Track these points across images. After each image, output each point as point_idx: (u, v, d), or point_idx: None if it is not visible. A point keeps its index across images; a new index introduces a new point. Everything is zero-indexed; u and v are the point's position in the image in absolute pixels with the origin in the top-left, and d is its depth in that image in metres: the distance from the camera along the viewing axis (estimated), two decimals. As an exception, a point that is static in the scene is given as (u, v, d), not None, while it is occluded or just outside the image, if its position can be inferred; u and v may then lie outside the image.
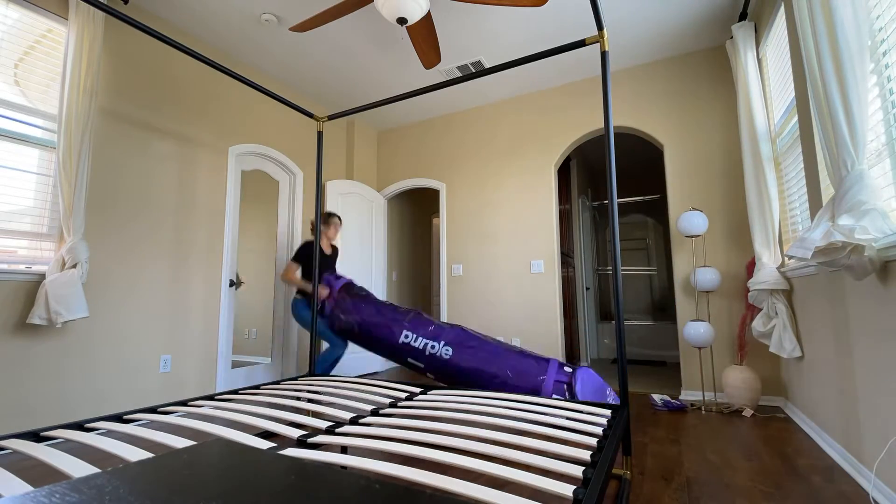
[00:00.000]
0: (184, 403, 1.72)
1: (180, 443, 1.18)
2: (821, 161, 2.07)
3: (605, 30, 1.90)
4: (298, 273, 3.30)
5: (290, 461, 0.54)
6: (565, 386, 2.48)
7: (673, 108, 3.61)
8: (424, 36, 2.80)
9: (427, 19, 2.64)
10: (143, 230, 2.90)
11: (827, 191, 2.02)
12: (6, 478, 0.93)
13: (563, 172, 5.17)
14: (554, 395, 2.46)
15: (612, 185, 1.85)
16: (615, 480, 1.79)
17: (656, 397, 3.03)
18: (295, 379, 2.26)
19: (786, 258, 2.76)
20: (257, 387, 2.04)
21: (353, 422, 1.44)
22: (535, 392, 2.53)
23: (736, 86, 3.06)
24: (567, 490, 0.89)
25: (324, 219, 3.46)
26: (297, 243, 4.08)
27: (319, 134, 2.83)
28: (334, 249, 3.61)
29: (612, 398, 2.56)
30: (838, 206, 1.55)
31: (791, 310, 2.64)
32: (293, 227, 4.08)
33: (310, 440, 1.23)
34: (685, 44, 3.49)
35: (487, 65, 3.74)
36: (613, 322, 5.92)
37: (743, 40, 2.92)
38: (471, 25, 3.22)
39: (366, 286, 4.63)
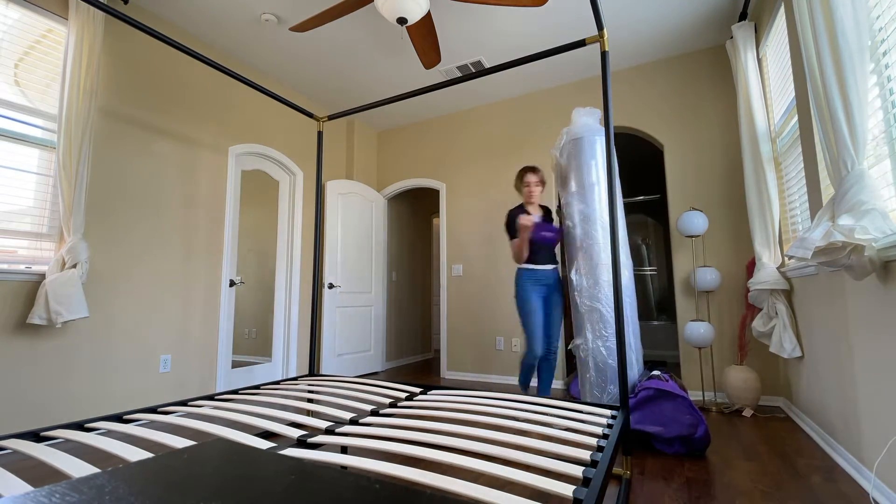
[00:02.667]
0: (184, 403, 1.72)
1: (180, 443, 1.18)
2: (821, 161, 2.07)
3: (605, 30, 1.90)
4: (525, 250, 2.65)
5: (290, 461, 0.54)
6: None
7: (673, 108, 3.61)
8: (424, 36, 2.80)
9: (427, 19, 2.64)
10: (143, 230, 2.90)
11: (827, 191, 2.02)
12: (6, 478, 0.93)
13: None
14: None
15: (613, 184, 1.85)
16: (615, 480, 1.79)
17: None
18: (295, 379, 2.26)
19: (786, 258, 2.76)
20: (257, 387, 2.04)
21: (353, 422, 1.44)
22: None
23: (736, 86, 3.06)
24: (567, 490, 0.89)
25: (518, 177, 2.81)
26: (298, 243, 4.07)
27: (319, 134, 2.83)
28: (545, 211, 2.86)
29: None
30: (838, 206, 1.55)
31: (791, 310, 2.64)
32: (293, 227, 4.08)
33: (310, 440, 1.23)
34: (685, 44, 3.49)
35: (487, 65, 3.74)
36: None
37: (743, 40, 2.92)
38: (471, 25, 3.22)
39: (366, 286, 4.64)
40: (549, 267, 2.71)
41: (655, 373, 2.43)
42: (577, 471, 0.98)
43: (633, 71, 3.80)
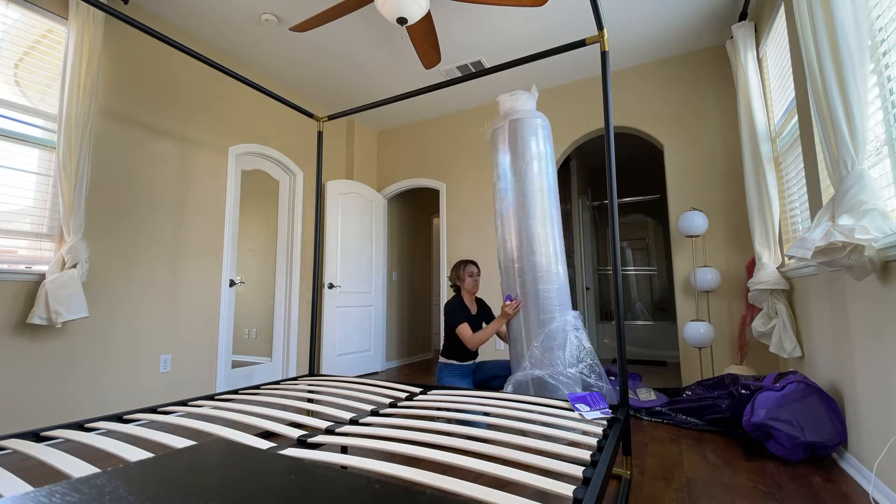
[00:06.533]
0: (184, 403, 1.72)
1: (180, 443, 1.18)
2: (821, 161, 2.07)
3: (605, 30, 1.90)
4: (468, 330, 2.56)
5: (290, 461, 0.54)
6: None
7: (673, 108, 3.61)
8: (424, 36, 2.79)
9: (427, 19, 2.64)
10: (143, 230, 2.90)
11: (827, 191, 2.02)
12: (6, 478, 0.93)
13: (563, 172, 5.17)
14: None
15: (612, 185, 1.85)
16: (615, 480, 1.79)
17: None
18: (295, 379, 2.26)
19: (786, 258, 2.76)
20: (257, 387, 2.04)
21: (353, 422, 1.44)
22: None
23: (736, 86, 3.06)
24: (567, 490, 0.89)
25: (456, 271, 2.75)
26: (298, 243, 4.07)
27: (319, 134, 2.83)
28: (481, 304, 2.81)
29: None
30: (838, 206, 1.55)
31: (791, 310, 2.64)
32: (293, 227, 4.08)
33: (310, 440, 1.23)
34: (685, 44, 3.49)
35: (487, 65, 3.74)
36: (613, 322, 5.92)
37: (743, 40, 2.92)
38: (471, 25, 3.22)
39: (366, 286, 4.63)
40: (473, 360, 2.70)
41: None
42: (578, 471, 0.98)
43: (634, 71, 3.80)
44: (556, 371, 2.19)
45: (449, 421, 2.21)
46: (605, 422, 1.45)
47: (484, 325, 2.71)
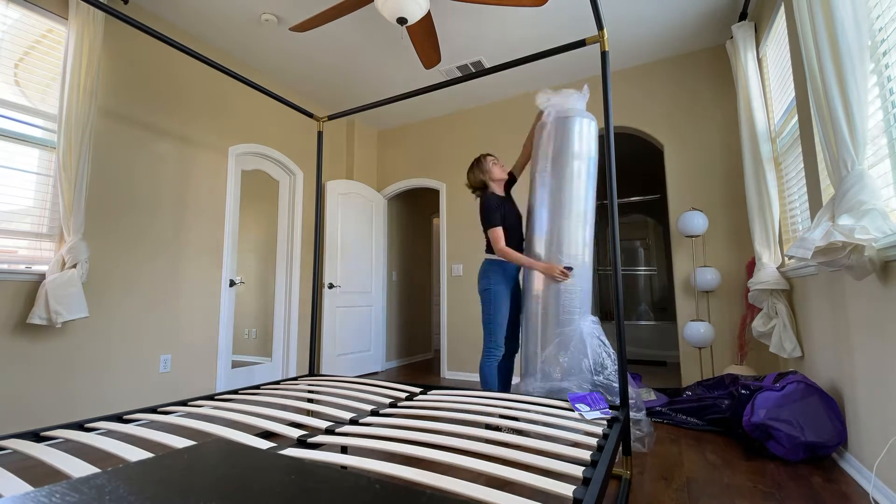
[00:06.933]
0: (184, 403, 1.72)
1: (180, 443, 1.18)
2: (821, 161, 2.07)
3: (605, 30, 1.90)
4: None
5: (290, 461, 0.54)
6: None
7: (673, 108, 3.61)
8: (424, 36, 2.79)
9: (427, 19, 2.64)
10: (143, 230, 2.90)
11: (827, 191, 2.02)
12: (6, 478, 0.93)
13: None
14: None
15: (612, 185, 1.85)
16: (615, 480, 1.79)
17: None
18: (295, 379, 2.26)
19: (786, 258, 2.76)
20: (257, 387, 2.04)
21: (353, 422, 1.44)
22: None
23: (736, 86, 3.06)
24: (567, 490, 0.89)
25: (477, 170, 2.56)
26: (298, 243, 4.07)
27: (319, 134, 2.83)
28: (508, 185, 2.65)
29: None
30: (838, 206, 1.55)
31: (791, 310, 2.64)
32: (293, 227, 4.08)
33: (310, 440, 1.23)
34: (685, 44, 3.48)
35: (487, 65, 3.74)
36: (613, 322, 5.92)
37: (743, 40, 2.92)
38: (471, 25, 3.22)
39: (366, 286, 4.64)
40: (518, 268, 2.53)
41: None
42: (578, 471, 0.98)
43: (634, 71, 3.80)
44: (584, 379, 2.17)
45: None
46: (605, 422, 1.45)
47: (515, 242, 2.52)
